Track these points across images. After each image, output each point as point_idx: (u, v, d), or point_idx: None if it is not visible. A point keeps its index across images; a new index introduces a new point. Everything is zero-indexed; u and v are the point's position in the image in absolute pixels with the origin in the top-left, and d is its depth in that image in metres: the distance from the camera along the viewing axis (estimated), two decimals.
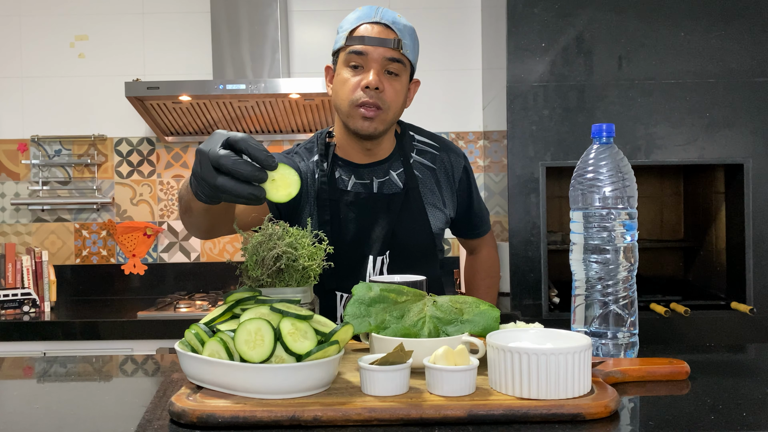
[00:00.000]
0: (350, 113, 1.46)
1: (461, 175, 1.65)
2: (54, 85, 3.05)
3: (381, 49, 1.43)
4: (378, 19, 1.45)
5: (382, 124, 1.47)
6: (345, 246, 1.50)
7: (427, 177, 1.60)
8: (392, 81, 1.45)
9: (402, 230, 1.54)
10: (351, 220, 1.52)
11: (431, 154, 1.62)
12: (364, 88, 1.43)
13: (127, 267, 3.04)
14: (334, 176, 1.55)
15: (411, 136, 1.63)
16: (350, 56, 1.44)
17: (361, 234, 1.52)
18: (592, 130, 1.20)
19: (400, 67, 1.46)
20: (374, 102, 1.43)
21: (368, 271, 1.53)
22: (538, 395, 0.89)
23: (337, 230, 1.51)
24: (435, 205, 1.60)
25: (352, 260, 1.52)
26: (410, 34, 1.48)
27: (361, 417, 0.86)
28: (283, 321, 0.94)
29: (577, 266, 1.19)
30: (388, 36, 1.44)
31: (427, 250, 1.59)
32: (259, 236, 1.18)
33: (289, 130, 3.01)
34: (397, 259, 1.54)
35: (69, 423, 0.93)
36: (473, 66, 3.06)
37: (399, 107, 1.49)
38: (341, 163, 1.56)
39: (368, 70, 1.43)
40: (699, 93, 2.42)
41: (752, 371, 1.18)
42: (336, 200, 1.52)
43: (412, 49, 1.48)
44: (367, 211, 1.52)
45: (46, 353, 2.40)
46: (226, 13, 2.82)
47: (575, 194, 1.19)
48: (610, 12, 2.42)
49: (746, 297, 2.42)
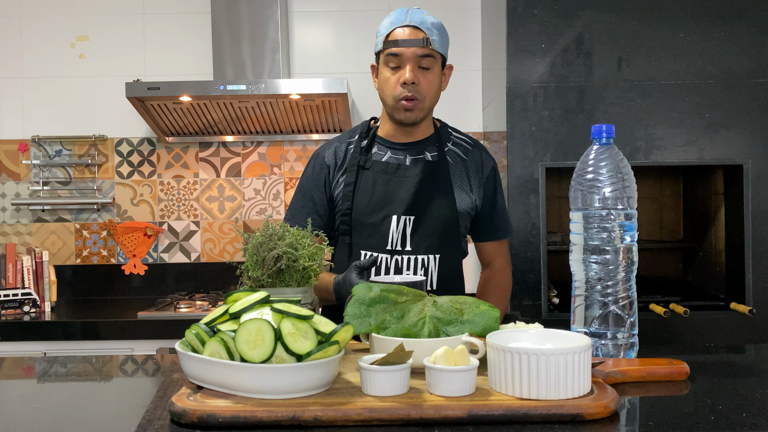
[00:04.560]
0: (394, 107, 1.69)
1: (489, 173, 1.80)
2: (55, 85, 3.05)
3: (413, 48, 1.65)
4: (408, 22, 1.67)
5: (422, 111, 1.69)
6: (369, 206, 1.69)
7: (458, 164, 1.77)
8: (425, 74, 1.67)
9: (426, 196, 1.70)
10: (379, 184, 1.71)
11: (465, 148, 1.80)
12: (402, 84, 1.65)
13: (128, 267, 3.04)
14: (371, 150, 1.76)
15: (449, 132, 1.83)
16: (388, 58, 1.67)
17: (387, 196, 1.70)
18: (592, 131, 1.20)
19: (430, 61, 1.66)
20: (412, 95, 1.66)
21: (392, 230, 1.66)
22: (538, 395, 0.89)
23: (360, 192, 1.70)
24: (462, 187, 1.75)
25: (376, 219, 1.69)
26: (438, 30, 1.68)
27: (361, 417, 0.86)
28: (284, 321, 0.94)
29: (576, 267, 1.20)
30: (418, 36, 1.65)
31: (450, 225, 1.72)
32: (260, 236, 1.18)
33: (289, 131, 3.01)
34: (420, 225, 1.69)
35: (69, 423, 0.93)
36: (473, 67, 3.06)
37: (435, 94, 1.71)
38: (380, 141, 1.78)
39: (404, 68, 1.66)
40: (698, 94, 2.42)
41: (752, 371, 1.19)
42: (365, 167, 1.73)
43: (440, 43, 1.68)
44: (396, 177, 1.71)
45: (46, 353, 2.40)
46: (227, 14, 2.82)
47: (575, 195, 1.19)
48: (609, 13, 2.42)
49: (745, 298, 2.42)
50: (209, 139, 3.03)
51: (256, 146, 3.07)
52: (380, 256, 1.66)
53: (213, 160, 3.07)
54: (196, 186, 3.07)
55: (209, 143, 3.07)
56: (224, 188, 3.08)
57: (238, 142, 3.07)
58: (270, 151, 3.08)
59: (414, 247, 1.67)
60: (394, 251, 1.66)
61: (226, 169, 3.07)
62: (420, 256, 1.67)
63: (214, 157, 3.07)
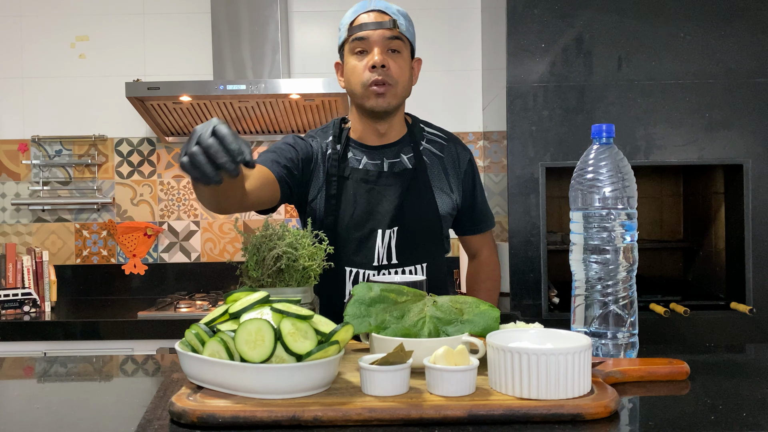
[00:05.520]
0: (364, 94, 1.59)
1: (467, 167, 1.74)
2: (55, 85, 3.05)
3: (380, 30, 1.57)
4: (372, 7, 1.60)
5: (394, 98, 1.60)
6: (353, 220, 1.61)
7: (435, 163, 1.70)
8: (395, 58, 1.59)
9: (409, 205, 1.63)
10: (360, 195, 1.62)
11: (440, 144, 1.73)
12: (371, 68, 1.56)
13: (128, 267, 3.04)
14: (347, 156, 1.66)
15: (421, 128, 1.75)
16: (354, 44, 1.59)
17: (370, 208, 1.62)
18: (592, 130, 1.20)
19: (399, 44, 1.59)
20: (383, 79, 1.57)
21: (377, 245, 1.61)
22: (538, 395, 0.89)
23: (343, 205, 1.61)
24: (442, 189, 1.69)
25: (361, 234, 1.61)
26: (404, 16, 1.62)
27: (361, 417, 0.86)
28: (284, 321, 0.94)
29: (577, 266, 1.20)
30: (384, 18, 1.58)
31: (434, 231, 1.67)
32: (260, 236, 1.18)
33: (289, 131, 3.01)
34: (404, 236, 1.62)
35: (69, 423, 0.93)
36: (473, 66, 3.06)
37: (406, 81, 1.62)
38: (354, 144, 1.68)
39: (372, 52, 1.57)
40: (699, 93, 2.42)
41: (752, 371, 1.19)
42: (344, 177, 1.63)
43: (407, 29, 1.61)
44: (376, 186, 1.63)
45: (46, 353, 2.40)
46: (227, 14, 2.82)
47: (575, 194, 1.19)
48: (609, 12, 2.42)
49: (746, 297, 2.42)
50: None
51: (256, 146, 3.07)
52: (367, 273, 1.59)
53: None
54: None
55: None
56: None
57: None
58: None
59: (401, 260, 1.62)
60: (381, 266, 1.61)
61: None
62: (407, 267, 1.62)
63: None
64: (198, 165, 1.01)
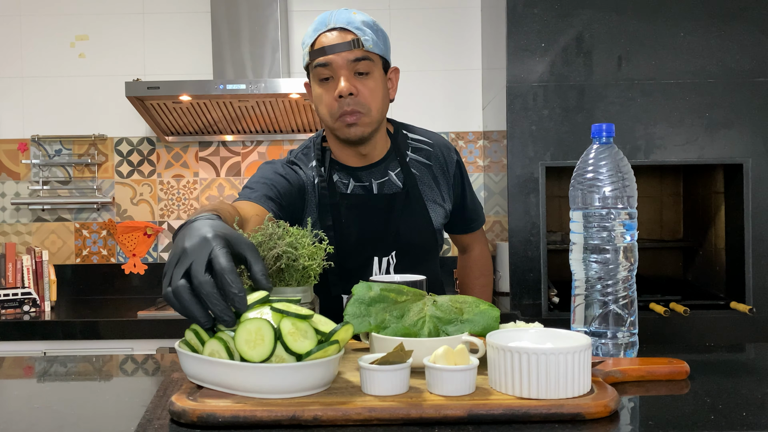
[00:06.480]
0: (334, 126, 1.47)
1: (455, 170, 1.66)
2: (54, 84, 3.05)
3: (343, 53, 1.42)
4: (333, 24, 1.44)
5: (369, 126, 1.47)
6: (349, 249, 1.50)
7: (425, 174, 1.62)
8: (364, 81, 1.44)
9: (406, 229, 1.55)
10: (353, 223, 1.52)
11: (426, 151, 1.63)
12: (338, 98, 1.43)
13: (128, 266, 3.04)
14: (333, 180, 1.55)
15: (405, 135, 1.64)
16: (317, 70, 1.45)
17: (365, 236, 1.53)
18: (592, 130, 1.20)
19: (368, 64, 1.44)
20: (352, 109, 1.43)
21: (374, 272, 1.53)
22: (538, 395, 0.89)
23: (339, 234, 1.51)
24: (435, 200, 1.62)
25: (358, 263, 1.52)
26: (370, 28, 1.46)
27: (361, 417, 0.86)
28: (284, 320, 0.94)
29: (576, 266, 1.20)
30: (345, 38, 1.42)
31: (431, 246, 1.62)
32: (260, 236, 1.18)
33: (289, 130, 3.01)
34: (403, 258, 1.55)
35: (69, 423, 0.93)
36: (473, 66, 3.06)
37: (380, 104, 1.48)
38: (338, 167, 1.56)
39: (338, 79, 1.43)
40: (698, 93, 2.42)
41: (752, 371, 1.18)
42: (336, 204, 1.52)
43: (375, 42, 1.45)
44: (368, 212, 1.53)
45: (46, 353, 2.40)
46: (227, 13, 2.82)
47: (575, 194, 1.19)
48: (609, 12, 2.42)
49: (746, 297, 2.42)
50: (209, 138, 3.03)
51: (256, 145, 3.07)
52: None
53: (213, 160, 3.07)
54: (196, 185, 3.07)
55: (209, 142, 3.07)
56: (224, 187, 3.07)
57: (237, 141, 3.07)
58: (270, 150, 3.08)
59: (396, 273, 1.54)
60: None
61: (225, 169, 3.07)
62: None
63: (213, 156, 3.07)
64: (185, 306, 0.86)
